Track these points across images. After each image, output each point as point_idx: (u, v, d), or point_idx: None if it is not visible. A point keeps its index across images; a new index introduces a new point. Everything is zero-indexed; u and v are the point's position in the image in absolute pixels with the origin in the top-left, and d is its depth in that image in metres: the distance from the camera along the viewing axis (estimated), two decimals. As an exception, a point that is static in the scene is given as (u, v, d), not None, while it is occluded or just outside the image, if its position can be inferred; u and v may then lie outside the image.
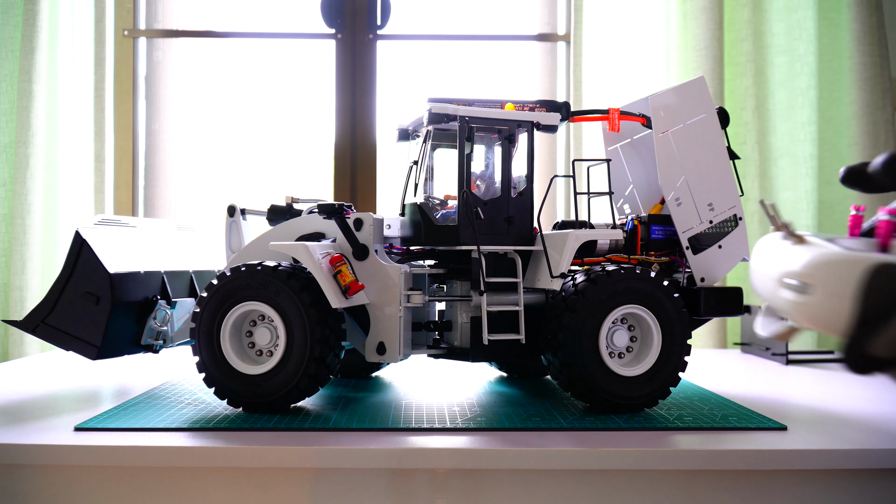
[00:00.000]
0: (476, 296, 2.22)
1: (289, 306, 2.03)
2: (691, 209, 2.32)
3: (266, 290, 2.05)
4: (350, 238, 2.17)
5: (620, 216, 2.70)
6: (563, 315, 2.09)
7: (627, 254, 2.34)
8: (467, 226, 2.20)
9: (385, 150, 3.90)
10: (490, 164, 2.44)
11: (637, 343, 2.16)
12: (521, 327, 2.19)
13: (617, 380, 2.09)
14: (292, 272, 2.06)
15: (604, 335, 2.10)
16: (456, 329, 2.31)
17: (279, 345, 2.05)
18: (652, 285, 2.14)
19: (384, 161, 3.89)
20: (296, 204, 2.47)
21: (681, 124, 2.32)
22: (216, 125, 4.01)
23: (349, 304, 2.10)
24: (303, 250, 2.07)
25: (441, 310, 2.47)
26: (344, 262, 2.09)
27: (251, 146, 4.01)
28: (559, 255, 2.21)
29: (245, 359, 2.09)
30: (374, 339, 2.16)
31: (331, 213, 2.14)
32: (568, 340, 2.07)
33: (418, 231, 2.27)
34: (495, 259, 2.25)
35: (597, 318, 2.09)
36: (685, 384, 2.55)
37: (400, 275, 2.15)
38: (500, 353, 2.24)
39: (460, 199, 2.21)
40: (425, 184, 2.37)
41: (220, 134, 4.01)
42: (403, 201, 2.42)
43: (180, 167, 3.98)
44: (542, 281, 2.24)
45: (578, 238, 2.21)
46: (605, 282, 2.11)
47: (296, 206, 2.46)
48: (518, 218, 2.26)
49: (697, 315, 2.29)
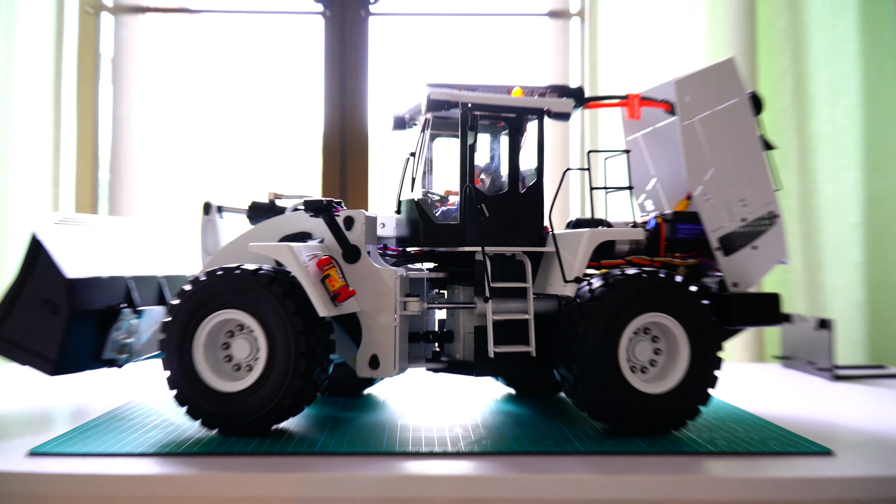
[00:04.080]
0: (480, 303, 2.22)
1: (271, 315, 2.03)
2: (721, 205, 2.32)
3: (245, 297, 2.04)
4: (339, 238, 2.17)
5: (642, 213, 2.70)
6: (577, 324, 2.09)
7: (650, 256, 2.34)
8: (470, 225, 2.19)
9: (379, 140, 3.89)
10: (496, 156, 2.44)
11: (662, 356, 2.15)
12: (531, 338, 2.18)
13: (639, 398, 2.08)
14: (275, 276, 2.06)
15: (624, 347, 2.09)
16: (458, 340, 2.31)
17: (259, 358, 2.05)
18: (678, 291, 2.13)
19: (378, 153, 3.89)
20: (279, 200, 2.46)
21: (709, 111, 2.32)
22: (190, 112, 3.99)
23: (338, 313, 2.10)
24: (287, 252, 2.07)
25: (441, 319, 2.47)
26: (333, 266, 2.09)
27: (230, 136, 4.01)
28: (573, 258, 2.20)
29: (221, 374, 2.08)
30: (366, 352, 2.15)
31: (318, 210, 2.13)
32: (583, 353, 2.07)
33: (416, 230, 2.27)
34: (502, 262, 2.24)
35: (616, 327, 2.08)
36: (717, 403, 2.54)
37: (395, 279, 2.15)
38: (507, 367, 2.24)
39: (462, 194, 2.21)
40: (424, 178, 2.36)
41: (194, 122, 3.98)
42: (399, 197, 2.42)
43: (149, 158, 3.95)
44: (555, 286, 2.24)
45: (595, 238, 2.21)
46: (624, 287, 2.10)
47: (279, 203, 2.45)
48: (527, 216, 2.25)
49: (729, 324, 2.28)
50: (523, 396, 2.65)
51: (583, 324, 2.08)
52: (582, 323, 2.08)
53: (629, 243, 2.32)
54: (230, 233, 2.47)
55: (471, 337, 2.26)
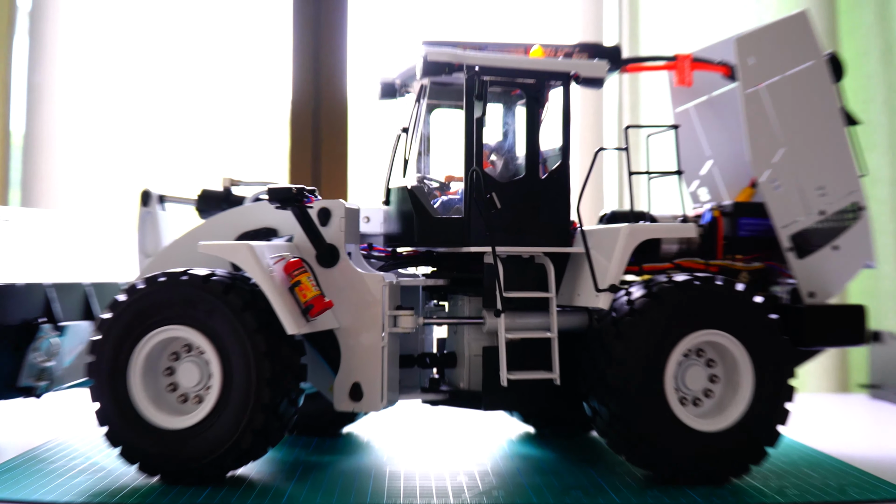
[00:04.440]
0: (490, 317, 2.21)
1: (226, 332, 2.03)
2: (794, 195, 2.32)
3: (194, 310, 2.04)
4: (312, 236, 2.17)
5: (695, 204, 2.70)
6: (613, 345, 2.08)
7: (704, 258, 2.33)
8: (478, 219, 2.19)
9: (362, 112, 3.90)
10: (510, 133, 2.44)
11: (719, 385, 2.15)
12: (555, 362, 2.18)
13: (691, 437, 2.08)
14: (231, 284, 2.06)
15: (672, 374, 2.09)
16: (462, 365, 2.30)
17: (212, 387, 2.05)
18: (739, 303, 2.12)
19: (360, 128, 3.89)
20: (236, 188, 2.46)
21: (778, 76, 2.32)
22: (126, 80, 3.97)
23: (311, 330, 2.09)
24: (246, 253, 2.07)
25: (441, 338, 2.47)
26: (304, 271, 2.09)
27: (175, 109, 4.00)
28: (607, 260, 2.20)
29: (164, 407, 2.08)
30: (345, 380, 2.15)
31: (285, 200, 2.13)
32: (621, 381, 2.06)
33: (409, 226, 2.26)
34: (517, 266, 2.23)
35: (662, 349, 2.08)
36: (788, 443, 2.53)
37: (383, 288, 2.15)
38: (524, 399, 2.23)
39: (468, 180, 2.20)
40: (419, 160, 2.36)
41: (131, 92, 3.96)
42: (388, 184, 2.42)
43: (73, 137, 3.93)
44: (584, 296, 2.23)
45: (635, 235, 2.21)
46: (672, 297, 2.09)
47: (236, 192, 2.45)
48: (549, 207, 2.24)
49: (804, 344, 2.28)
50: (544, 436, 2.65)
51: (620, 344, 2.07)
52: (619, 343, 2.07)
53: (678, 242, 2.31)
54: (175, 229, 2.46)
55: (478, 361, 2.25)
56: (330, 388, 2.20)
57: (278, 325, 2.04)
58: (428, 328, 2.45)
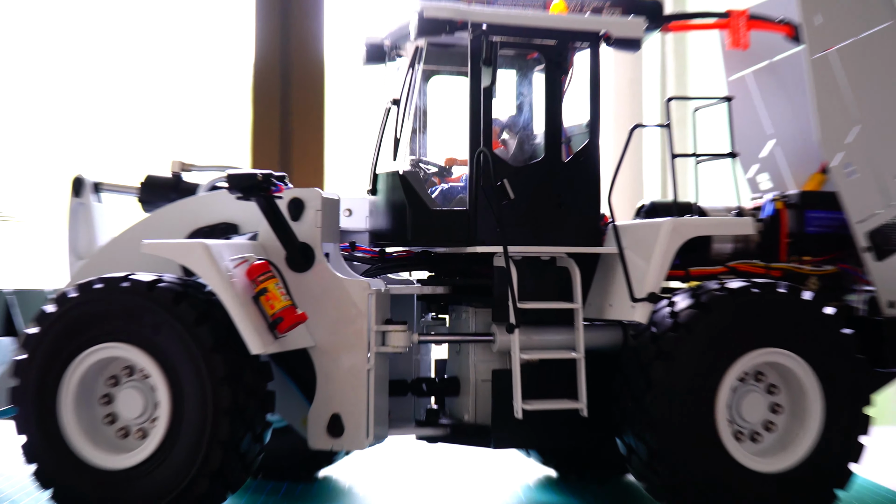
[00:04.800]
0: (501, 334, 2.23)
1: (175, 352, 2.05)
2: (871, 182, 2.34)
3: (137, 325, 2.06)
4: (282, 233, 2.19)
5: (753, 194, 2.71)
6: (653, 366, 2.10)
7: (765, 259, 2.34)
8: (486, 211, 2.20)
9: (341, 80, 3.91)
10: (525, 106, 2.45)
11: (782, 416, 2.18)
12: (581, 389, 2.19)
13: (748, 480, 2.10)
14: (182, 292, 2.08)
15: (724, 402, 2.11)
16: (467, 393, 2.31)
17: (159, 419, 2.06)
18: (807, 315, 2.15)
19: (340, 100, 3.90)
20: (187, 174, 2.47)
21: (850, 39, 2.33)
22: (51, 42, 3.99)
23: (280, 349, 2.11)
24: (200, 254, 2.09)
25: (441, 359, 2.48)
26: (272, 276, 2.11)
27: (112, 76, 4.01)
28: (646, 263, 2.22)
29: (101, 442, 2.09)
30: (322, 410, 2.17)
31: (249, 189, 2.15)
32: (663, 412, 2.08)
33: (401, 221, 2.28)
34: (535, 270, 2.25)
35: (712, 372, 2.10)
36: (862, 484, 2.55)
37: (368, 296, 2.17)
38: (543, 435, 2.25)
39: (474, 164, 2.22)
40: (413, 139, 2.37)
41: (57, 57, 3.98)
42: (375, 169, 2.43)
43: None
44: (618, 307, 2.25)
45: (680, 232, 2.22)
46: (725, 308, 2.11)
47: (187, 179, 2.46)
48: (575, 197, 2.26)
49: (885, 365, 2.30)
50: (569, 481, 2.66)
51: (661, 366, 2.09)
52: (660, 365, 2.10)
53: (733, 241, 2.33)
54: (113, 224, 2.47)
55: (487, 387, 2.27)
56: (303, 420, 2.21)
57: (240, 342, 2.06)
58: (424, 347, 2.47)
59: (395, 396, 2.35)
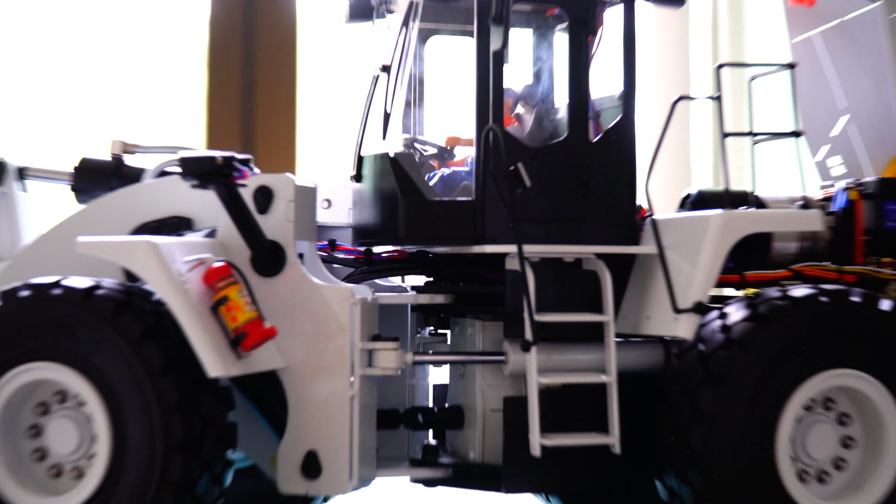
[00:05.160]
0: (515, 353, 2.25)
1: (117, 374, 2.07)
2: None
3: (70, 340, 2.08)
4: (247, 229, 2.21)
5: (823, 182, 2.74)
6: (700, 392, 2.13)
7: (836, 262, 2.37)
8: (496, 202, 2.24)
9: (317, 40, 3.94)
10: (545, 73, 2.48)
11: (856, 451, 2.21)
12: (613, 419, 2.22)
13: (814, 529, 2.14)
14: (125, 301, 2.10)
15: (787, 435, 2.15)
16: (472, 425, 2.34)
17: (98, 455, 2.08)
18: (887, 329, 2.18)
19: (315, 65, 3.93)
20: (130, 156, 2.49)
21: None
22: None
23: (244, 371, 2.14)
24: (147, 254, 2.10)
25: (440, 384, 2.50)
26: (234, 281, 2.13)
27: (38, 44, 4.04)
28: (692, 266, 2.24)
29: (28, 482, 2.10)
30: (295, 447, 2.19)
31: (205, 175, 2.17)
32: (712, 447, 2.11)
33: (391, 213, 2.30)
34: (557, 274, 2.28)
35: (773, 398, 2.13)
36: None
37: (351, 306, 2.19)
38: (565, 477, 2.27)
39: (481, 144, 2.25)
40: (407, 114, 2.40)
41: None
42: (360, 150, 2.46)
43: None
44: (657, 320, 2.28)
45: (733, 227, 2.24)
46: (788, 322, 2.15)
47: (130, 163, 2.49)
48: (604, 185, 2.29)
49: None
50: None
51: (711, 392, 2.12)
52: (709, 391, 2.13)
53: (798, 238, 2.36)
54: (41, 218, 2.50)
55: (497, 419, 2.30)
56: (271, 459, 2.24)
57: (195, 363, 2.07)
58: (421, 369, 2.50)
59: (385, 429, 2.38)
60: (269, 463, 2.26)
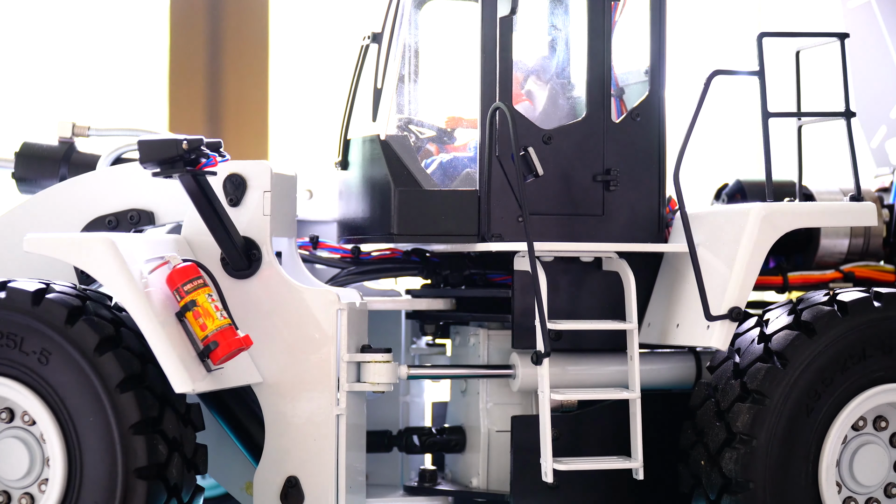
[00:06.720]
0: (525, 365, 2.27)
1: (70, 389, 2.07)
2: None
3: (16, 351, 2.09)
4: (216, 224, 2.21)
5: (879, 170, 2.74)
6: (735, 410, 2.14)
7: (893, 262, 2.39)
8: (503, 192, 2.24)
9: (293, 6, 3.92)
10: (560, 44, 2.49)
11: (914, 478, 2.27)
12: (637, 441, 2.24)
13: (865, 567, 2.19)
14: (79, 307, 2.11)
15: (832, 458, 2.16)
16: (476, 448, 2.36)
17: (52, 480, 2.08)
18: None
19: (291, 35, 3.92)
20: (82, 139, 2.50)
21: None
22: None
23: (215, 387, 2.16)
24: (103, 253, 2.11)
25: (439, 402, 2.52)
26: (202, 284, 2.14)
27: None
28: (727, 266, 2.26)
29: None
30: (273, 472, 2.21)
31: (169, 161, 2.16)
32: (747, 472, 2.12)
33: (382, 206, 2.32)
34: (571, 276, 2.30)
35: (817, 416, 2.14)
36: None
37: (337, 313, 2.21)
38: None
39: (486, 126, 2.25)
40: (401, 90, 2.41)
41: None
42: (346, 133, 2.47)
43: None
44: (687, 328, 2.30)
45: (775, 222, 2.26)
46: (836, 329, 2.15)
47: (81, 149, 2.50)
48: (628, 173, 2.30)
49: None
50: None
51: (747, 410, 2.13)
52: (745, 408, 2.14)
53: (849, 235, 2.37)
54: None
55: (503, 440, 2.31)
56: (247, 486, 2.27)
57: (160, 377, 2.09)
58: (416, 385, 2.52)
59: (376, 452, 2.40)
60: (244, 490, 2.30)
